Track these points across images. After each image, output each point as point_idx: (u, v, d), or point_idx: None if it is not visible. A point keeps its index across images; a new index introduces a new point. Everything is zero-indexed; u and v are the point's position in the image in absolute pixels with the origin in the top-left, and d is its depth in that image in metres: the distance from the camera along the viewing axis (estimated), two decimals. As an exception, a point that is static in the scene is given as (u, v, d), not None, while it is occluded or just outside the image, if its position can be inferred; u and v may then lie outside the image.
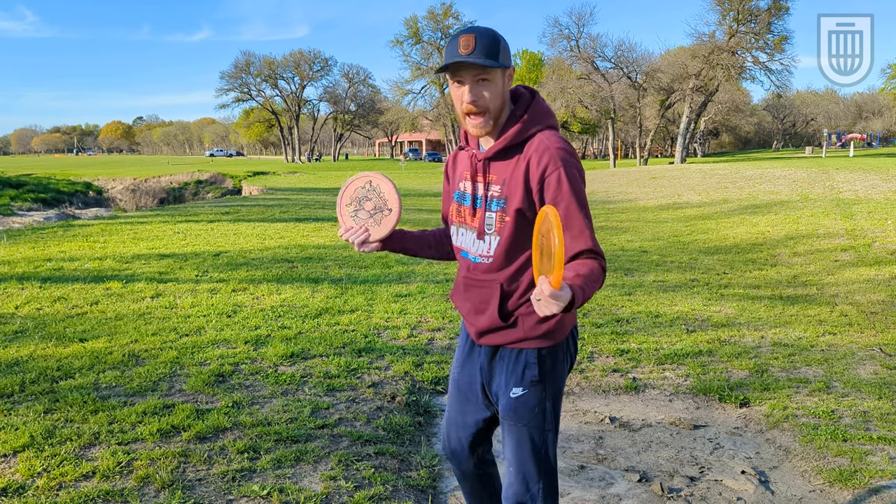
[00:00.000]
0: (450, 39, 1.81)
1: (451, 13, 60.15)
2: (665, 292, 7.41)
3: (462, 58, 1.74)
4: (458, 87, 1.82)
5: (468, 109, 1.81)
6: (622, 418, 4.05)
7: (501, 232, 1.88)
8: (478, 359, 2.07)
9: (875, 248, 9.72)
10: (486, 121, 1.83)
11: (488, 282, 1.94)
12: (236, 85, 70.47)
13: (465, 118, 1.85)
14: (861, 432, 3.69)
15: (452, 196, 2.05)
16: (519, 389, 1.93)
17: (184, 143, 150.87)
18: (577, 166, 1.81)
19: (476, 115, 1.82)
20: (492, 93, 1.80)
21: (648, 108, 50.78)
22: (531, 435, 1.95)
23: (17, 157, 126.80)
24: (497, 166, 1.88)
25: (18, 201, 25.44)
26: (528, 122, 1.85)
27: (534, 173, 1.79)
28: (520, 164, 1.83)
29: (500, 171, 1.87)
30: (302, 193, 25.26)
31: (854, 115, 78.64)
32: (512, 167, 1.84)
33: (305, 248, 10.17)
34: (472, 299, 2.00)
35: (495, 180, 1.88)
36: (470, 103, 1.79)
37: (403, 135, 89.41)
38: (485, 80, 1.78)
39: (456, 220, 2.03)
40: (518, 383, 1.94)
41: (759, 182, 19.88)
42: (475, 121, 1.83)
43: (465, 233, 2.00)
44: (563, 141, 1.82)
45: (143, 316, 5.92)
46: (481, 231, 1.92)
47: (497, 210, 1.88)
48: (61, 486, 2.95)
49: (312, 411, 3.84)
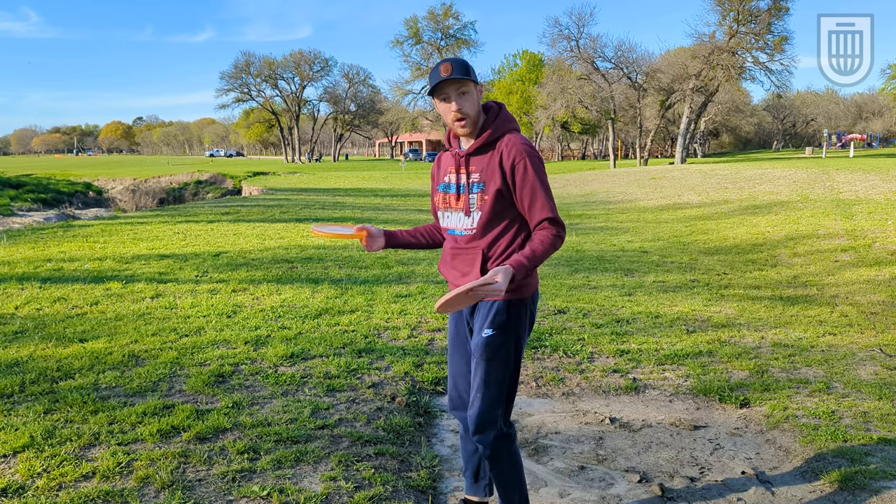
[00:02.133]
0: (431, 70, 2.42)
1: (451, 13, 60.21)
2: (665, 293, 7.41)
3: (446, 77, 2.35)
4: (444, 102, 2.42)
5: (455, 116, 2.41)
6: (622, 419, 4.05)
7: (482, 208, 2.45)
8: (464, 314, 2.62)
9: (875, 248, 9.72)
10: (469, 123, 2.43)
11: (472, 249, 2.50)
12: (236, 85, 70.49)
13: (453, 124, 2.44)
14: (861, 433, 3.68)
15: (437, 188, 2.62)
16: (489, 331, 2.47)
17: (184, 144, 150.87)
18: (538, 157, 2.45)
19: (461, 120, 2.42)
20: (470, 102, 2.42)
21: (648, 108, 50.77)
22: (496, 369, 2.47)
23: (17, 158, 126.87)
24: (475, 160, 2.48)
25: (18, 201, 25.44)
26: (497, 126, 2.46)
27: (506, 163, 2.41)
28: (494, 156, 2.44)
29: (477, 163, 2.47)
30: (302, 194, 25.27)
31: (854, 116, 78.60)
32: (487, 160, 2.45)
33: (305, 248, 10.17)
34: (458, 266, 2.54)
35: (474, 170, 2.47)
36: (456, 111, 2.40)
37: (403, 135, 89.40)
38: (464, 93, 2.39)
39: (442, 206, 2.58)
40: (490, 326, 2.47)
41: (759, 182, 19.88)
42: (461, 124, 2.43)
43: (450, 214, 2.55)
44: (525, 139, 2.47)
45: (143, 316, 5.91)
46: (467, 209, 2.48)
47: (478, 192, 2.46)
48: (61, 486, 2.95)
49: (312, 412, 3.84)
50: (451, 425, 3.95)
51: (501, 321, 2.46)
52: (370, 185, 32.22)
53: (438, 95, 2.41)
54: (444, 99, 2.41)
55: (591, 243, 11.63)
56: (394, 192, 27.52)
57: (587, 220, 15.83)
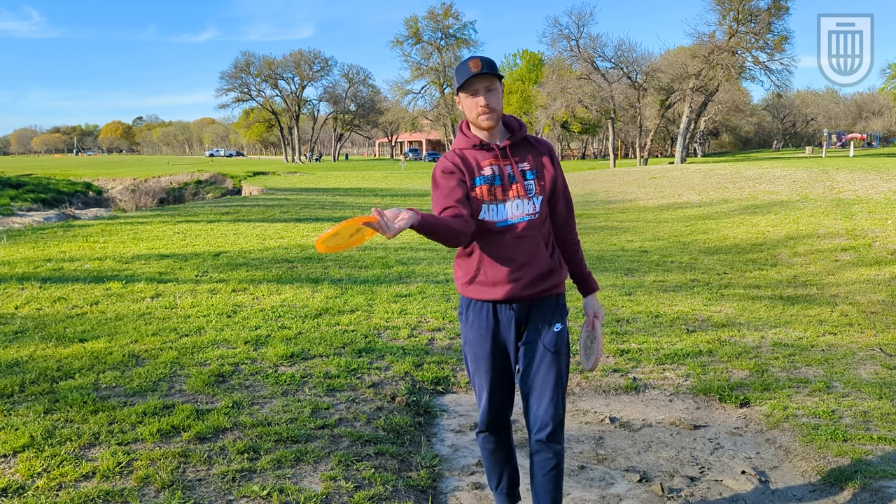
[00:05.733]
0: (459, 65, 2.46)
1: (451, 13, 60.18)
2: (665, 292, 7.40)
3: (476, 73, 2.38)
4: (471, 97, 2.44)
5: (482, 111, 2.44)
6: (622, 418, 4.05)
7: (542, 193, 2.52)
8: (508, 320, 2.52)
9: (875, 248, 9.72)
10: (494, 117, 2.47)
11: (533, 236, 2.49)
12: (236, 85, 70.47)
13: (478, 118, 2.46)
14: (861, 432, 3.68)
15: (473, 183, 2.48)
16: (559, 325, 2.52)
17: (184, 144, 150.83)
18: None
19: (487, 113, 2.45)
20: (496, 98, 2.46)
21: (648, 108, 50.75)
22: (565, 365, 2.52)
23: (17, 158, 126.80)
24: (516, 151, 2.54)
25: (18, 201, 25.42)
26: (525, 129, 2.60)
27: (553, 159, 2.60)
28: (539, 150, 2.56)
29: (520, 154, 2.53)
30: (302, 193, 25.26)
31: (854, 115, 78.56)
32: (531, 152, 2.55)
33: (305, 248, 10.17)
34: (515, 257, 2.48)
35: (519, 160, 2.52)
36: (484, 106, 2.44)
37: (403, 135, 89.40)
38: (491, 89, 2.44)
39: (487, 199, 2.48)
40: (559, 320, 2.53)
41: (759, 182, 19.88)
42: (486, 117, 2.46)
43: (501, 206, 2.48)
44: None
45: (143, 316, 5.91)
46: (526, 195, 2.49)
47: (533, 178, 2.51)
48: (61, 486, 2.95)
49: (312, 411, 3.84)
50: (451, 425, 3.95)
51: (566, 313, 2.58)
52: (370, 184, 32.22)
53: (466, 90, 2.44)
54: (471, 94, 2.44)
55: (591, 243, 11.63)
56: (394, 191, 27.52)
57: (587, 220, 15.83)
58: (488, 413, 2.62)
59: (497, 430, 2.67)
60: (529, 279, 2.47)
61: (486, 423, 2.64)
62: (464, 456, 3.56)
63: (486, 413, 2.62)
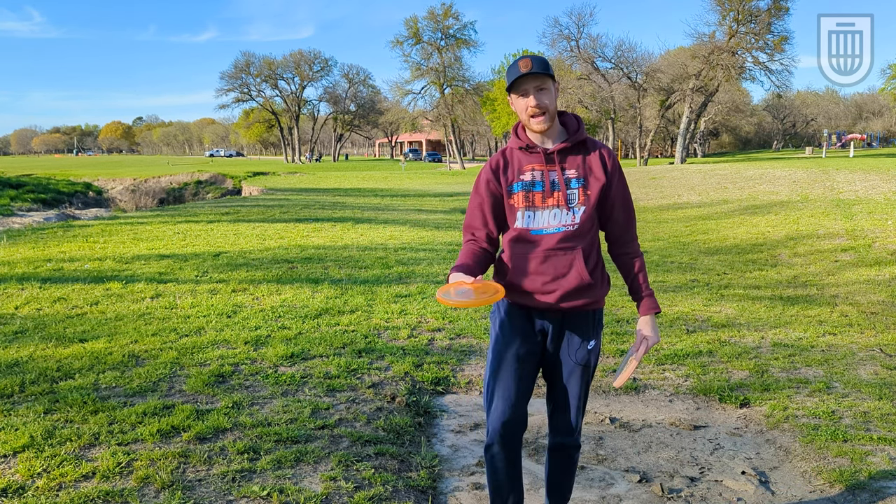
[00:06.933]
0: (510, 66, 2.35)
1: (451, 13, 60.09)
2: (665, 293, 7.40)
3: (525, 73, 2.28)
4: (522, 98, 2.34)
5: (533, 112, 2.33)
6: (622, 419, 4.05)
7: (586, 203, 2.37)
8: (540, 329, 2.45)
9: (875, 248, 9.72)
10: (547, 119, 2.34)
11: (570, 248, 2.37)
12: (236, 85, 70.50)
13: (529, 120, 2.35)
14: (861, 433, 3.68)
15: (511, 189, 2.41)
16: (593, 342, 2.47)
17: (184, 144, 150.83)
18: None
19: (539, 115, 2.33)
20: (548, 98, 2.34)
21: (648, 108, 50.73)
22: (592, 375, 2.52)
23: (17, 158, 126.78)
24: (566, 156, 2.40)
25: (18, 202, 25.43)
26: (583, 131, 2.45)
27: (609, 165, 2.41)
28: (593, 156, 2.41)
29: (570, 161, 2.40)
30: (302, 194, 25.26)
31: (854, 116, 78.55)
32: (582, 158, 2.40)
33: (305, 248, 10.17)
34: (551, 269, 2.37)
35: (568, 167, 2.39)
36: (534, 107, 2.32)
37: (403, 135, 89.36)
38: (543, 88, 2.32)
39: (524, 205, 2.39)
40: (595, 336, 2.48)
41: (759, 182, 19.88)
42: (538, 119, 2.34)
43: (539, 213, 2.38)
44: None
45: (143, 316, 5.91)
46: (566, 205, 2.37)
47: (578, 187, 2.38)
48: (61, 486, 2.95)
49: (312, 412, 3.84)
50: (450, 425, 3.95)
51: (601, 330, 2.54)
52: (370, 184, 32.22)
53: (516, 91, 2.35)
54: (522, 94, 2.34)
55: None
56: (394, 191, 27.52)
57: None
58: (501, 422, 2.42)
59: (509, 446, 2.47)
60: (563, 292, 2.37)
61: (497, 434, 2.43)
62: (464, 456, 3.56)
63: (499, 422, 2.42)
